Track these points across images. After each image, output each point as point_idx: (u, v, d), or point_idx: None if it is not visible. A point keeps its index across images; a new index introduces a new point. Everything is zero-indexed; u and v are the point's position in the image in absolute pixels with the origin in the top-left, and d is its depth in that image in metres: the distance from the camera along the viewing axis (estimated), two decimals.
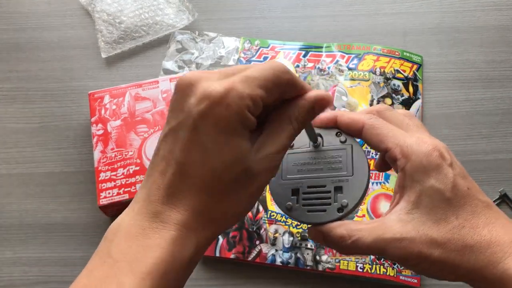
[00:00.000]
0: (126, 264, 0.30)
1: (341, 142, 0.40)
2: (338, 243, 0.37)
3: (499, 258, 0.34)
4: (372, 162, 0.56)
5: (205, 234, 0.33)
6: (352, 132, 0.40)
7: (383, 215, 0.37)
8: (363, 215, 0.56)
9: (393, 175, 0.57)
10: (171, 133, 0.33)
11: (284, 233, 0.56)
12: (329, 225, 0.37)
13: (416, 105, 0.62)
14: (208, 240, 0.33)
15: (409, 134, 0.37)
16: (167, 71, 0.66)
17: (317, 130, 0.41)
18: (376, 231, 0.36)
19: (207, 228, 0.33)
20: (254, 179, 0.33)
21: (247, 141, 0.33)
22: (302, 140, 0.41)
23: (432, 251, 0.35)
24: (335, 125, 0.40)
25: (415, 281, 0.53)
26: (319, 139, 0.41)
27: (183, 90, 0.32)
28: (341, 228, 0.37)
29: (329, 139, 0.41)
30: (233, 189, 0.33)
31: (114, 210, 0.57)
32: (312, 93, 0.36)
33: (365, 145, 0.49)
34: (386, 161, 0.39)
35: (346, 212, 0.38)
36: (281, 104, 0.36)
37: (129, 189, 0.56)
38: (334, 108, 0.61)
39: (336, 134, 0.41)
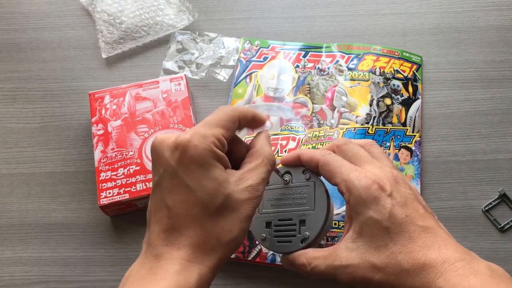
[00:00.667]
0: None
1: (306, 179, 0.45)
2: (301, 270, 0.43)
3: (432, 279, 0.37)
4: None
5: (207, 262, 0.37)
6: (312, 168, 0.45)
7: (336, 243, 0.42)
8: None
9: None
10: (157, 187, 0.38)
11: None
12: (293, 254, 0.43)
13: (416, 105, 0.62)
14: (211, 268, 0.37)
15: (355, 168, 0.42)
16: (168, 71, 0.66)
17: (286, 168, 0.47)
18: (328, 260, 0.41)
19: (207, 257, 0.37)
20: (238, 207, 0.38)
21: (221, 172, 0.38)
22: (276, 178, 0.46)
23: (373, 275, 0.39)
24: (299, 163, 0.46)
25: None
26: (288, 176, 0.46)
27: (157, 148, 0.38)
28: (301, 257, 0.43)
29: (297, 176, 0.46)
30: (221, 216, 0.37)
31: (115, 210, 0.58)
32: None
33: None
34: None
35: (307, 244, 0.43)
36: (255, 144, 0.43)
37: (129, 189, 0.56)
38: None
39: (303, 172, 0.46)
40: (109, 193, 0.56)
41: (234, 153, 0.43)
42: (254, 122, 0.43)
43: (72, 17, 0.72)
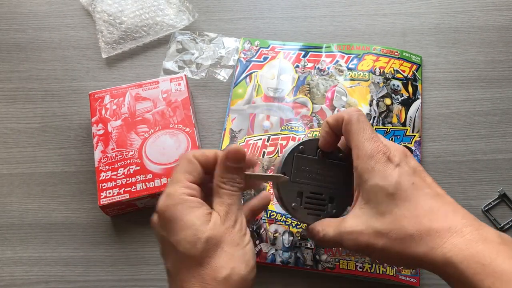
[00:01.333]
0: None
1: (340, 160, 0.47)
2: (315, 237, 0.44)
3: (438, 244, 0.36)
4: None
5: None
6: (337, 129, 0.45)
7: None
8: None
9: None
10: (161, 256, 0.42)
11: (284, 232, 0.56)
12: (313, 224, 0.45)
13: (416, 105, 0.62)
14: None
15: (372, 137, 0.42)
16: (168, 71, 0.66)
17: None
18: (337, 227, 0.42)
19: None
20: (220, 241, 0.39)
21: (200, 215, 0.40)
22: (312, 147, 0.48)
23: (377, 241, 0.39)
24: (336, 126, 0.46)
25: (415, 280, 0.53)
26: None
27: (152, 225, 0.42)
28: (318, 225, 0.45)
29: (332, 155, 0.48)
30: (209, 258, 0.39)
31: (115, 210, 0.58)
32: (219, 155, 0.43)
33: None
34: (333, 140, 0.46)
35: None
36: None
37: (129, 189, 0.56)
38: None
39: (339, 153, 0.48)
40: (109, 193, 0.56)
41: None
42: (225, 159, 0.43)
43: (72, 17, 0.72)
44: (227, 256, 0.39)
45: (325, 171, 0.48)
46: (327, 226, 0.43)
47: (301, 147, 0.47)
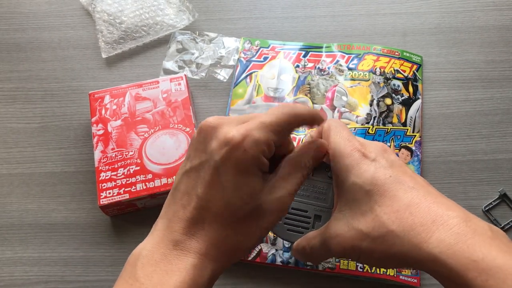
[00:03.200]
0: (152, 286, 0.33)
1: (329, 177, 0.45)
2: (303, 255, 0.41)
3: (423, 238, 0.33)
4: None
5: (219, 264, 0.36)
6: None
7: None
8: None
9: None
10: (194, 171, 0.37)
11: None
12: (297, 241, 0.42)
13: (416, 105, 0.62)
14: (220, 269, 0.36)
15: (347, 138, 0.40)
16: (168, 71, 0.66)
17: None
18: (321, 235, 0.39)
19: (221, 258, 0.36)
20: (264, 216, 0.37)
21: (260, 181, 0.37)
22: None
23: (361, 242, 0.36)
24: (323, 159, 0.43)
25: (415, 281, 0.53)
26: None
27: (206, 133, 0.37)
28: (302, 241, 0.41)
29: (319, 171, 0.45)
30: (246, 223, 0.36)
31: (115, 210, 0.57)
32: (321, 143, 0.41)
33: None
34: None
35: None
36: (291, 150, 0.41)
37: (129, 189, 0.56)
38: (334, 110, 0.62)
39: (325, 169, 0.45)
40: (109, 193, 0.56)
41: (278, 151, 0.40)
42: (313, 122, 0.40)
43: (72, 17, 0.72)
44: (257, 232, 0.37)
45: (310, 188, 0.45)
46: (312, 238, 0.40)
47: None
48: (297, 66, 0.65)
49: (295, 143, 0.60)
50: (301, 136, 0.60)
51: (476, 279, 0.31)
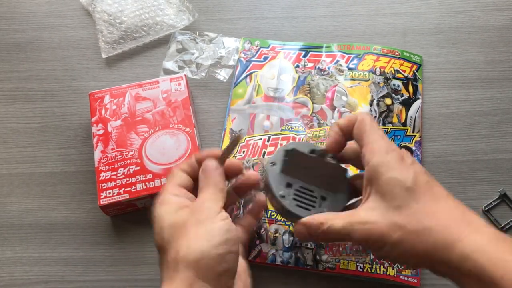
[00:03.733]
0: None
1: (334, 165, 0.47)
2: (317, 229, 0.43)
3: (456, 239, 0.37)
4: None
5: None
6: (348, 131, 0.46)
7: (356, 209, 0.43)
8: None
9: None
10: None
11: (284, 233, 0.56)
12: (313, 215, 0.44)
13: (416, 105, 0.62)
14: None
15: (385, 137, 0.43)
16: (168, 71, 0.66)
17: (314, 147, 0.48)
18: (346, 219, 0.41)
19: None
20: (186, 225, 0.42)
21: (169, 209, 0.44)
22: (306, 145, 0.48)
23: (392, 233, 0.38)
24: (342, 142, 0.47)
25: (415, 280, 0.53)
26: (318, 150, 0.48)
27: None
28: (320, 217, 0.43)
29: (323, 156, 0.48)
30: (175, 240, 0.41)
31: (115, 210, 0.57)
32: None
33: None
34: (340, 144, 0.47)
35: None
36: None
37: (129, 189, 0.56)
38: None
39: (331, 157, 0.47)
40: (109, 193, 0.56)
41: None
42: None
43: (72, 17, 0.72)
44: (188, 235, 0.40)
45: (318, 170, 0.47)
46: (334, 218, 0.42)
47: (292, 146, 0.48)
48: (297, 66, 0.65)
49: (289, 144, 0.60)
50: (301, 136, 0.60)
51: (503, 278, 0.34)
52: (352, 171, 0.54)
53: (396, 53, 0.65)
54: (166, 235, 0.41)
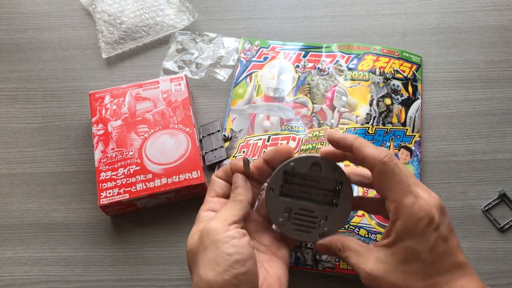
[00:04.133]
0: None
1: (337, 176, 0.46)
2: (336, 253, 0.46)
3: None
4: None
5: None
6: (361, 165, 0.45)
7: (373, 244, 0.44)
8: (363, 215, 0.56)
9: None
10: None
11: None
12: (331, 239, 0.46)
13: (416, 105, 0.62)
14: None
15: (410, 192, 0.42)
16: (168, 71, 0.66)
17: (315, 159, 0.46)
18: (359, 258, 0.43)
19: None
20: (198, 251, 0.43)
21: (192, 233, 0.46)
22: (303, 164, 0.46)
23: None
24: (342, 154, 0.46)
25: None
26: (317, 168, 0.46)
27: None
28: (338, 243, 0.45)
29: (326, 170, 0.46)
30: (194, 265, 0.43)
31: (115, 210, 0.58)
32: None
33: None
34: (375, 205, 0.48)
35: (326, 238, 0.46)
36: None
37: (129, 189, 0.56)
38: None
39: (333, 168, 0.46)
40: (109, 193, 0.56)
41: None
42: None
43: (72, 17, 0.72)
44: (197, 264, 0.42)
45: (317, 187, 0.47)
46: (348, 250, 0.45)
47: (291, 164, 0.46)
48: (297, 66, 0.65)
49: (294, 143, 0.60)
50: (301, 136, 0.61)
51: None
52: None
53: (395, 53, 0.65)
54: (188, 261, 0.44)
